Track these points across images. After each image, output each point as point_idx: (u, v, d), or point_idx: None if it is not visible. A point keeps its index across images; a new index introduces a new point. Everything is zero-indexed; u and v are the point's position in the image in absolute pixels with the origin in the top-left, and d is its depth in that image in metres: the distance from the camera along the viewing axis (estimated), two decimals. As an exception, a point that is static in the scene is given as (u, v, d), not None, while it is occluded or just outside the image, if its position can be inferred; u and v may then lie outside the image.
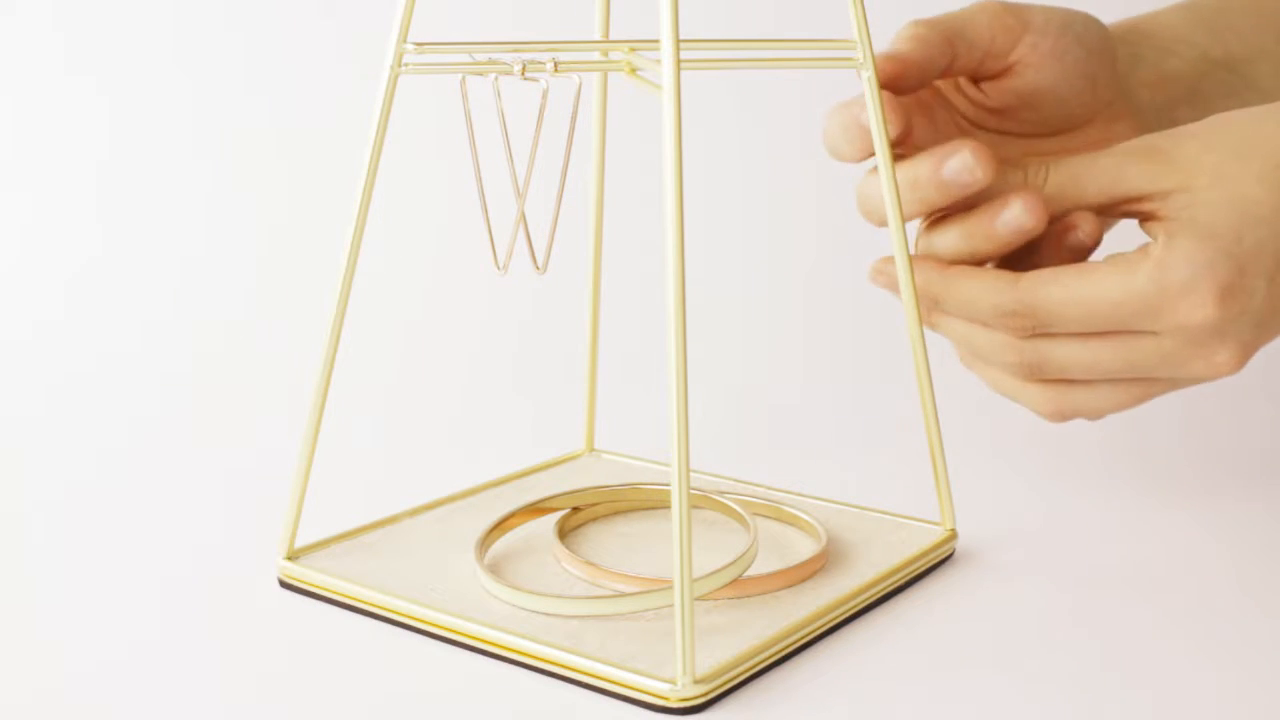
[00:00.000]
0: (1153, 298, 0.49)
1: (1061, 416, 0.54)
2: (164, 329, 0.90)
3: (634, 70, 0.48)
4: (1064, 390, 0.53)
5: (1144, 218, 0.51)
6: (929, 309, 0.54)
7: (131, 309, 0.93)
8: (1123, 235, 0.58)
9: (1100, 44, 0.58)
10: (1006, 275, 0.51)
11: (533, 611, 0.48)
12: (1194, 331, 0.49)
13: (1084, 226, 0.52)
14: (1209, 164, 0.49)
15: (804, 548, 0.55)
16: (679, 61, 0.43)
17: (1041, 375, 0.53)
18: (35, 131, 1.01)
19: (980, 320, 0.52)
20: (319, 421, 0.52)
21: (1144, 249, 0.50)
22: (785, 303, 0.94)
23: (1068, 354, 0.52)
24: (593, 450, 0.67)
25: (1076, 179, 0.51)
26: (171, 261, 0.97)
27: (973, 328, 0.53)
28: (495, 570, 0.52)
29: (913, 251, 0.54)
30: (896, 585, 0.52)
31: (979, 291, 0.51)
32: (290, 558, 0.53)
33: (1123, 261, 0.49)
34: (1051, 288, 0.50)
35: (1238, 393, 0.78)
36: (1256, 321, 0.50)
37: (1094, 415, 0.54)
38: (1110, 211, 0.52)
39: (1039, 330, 0.51)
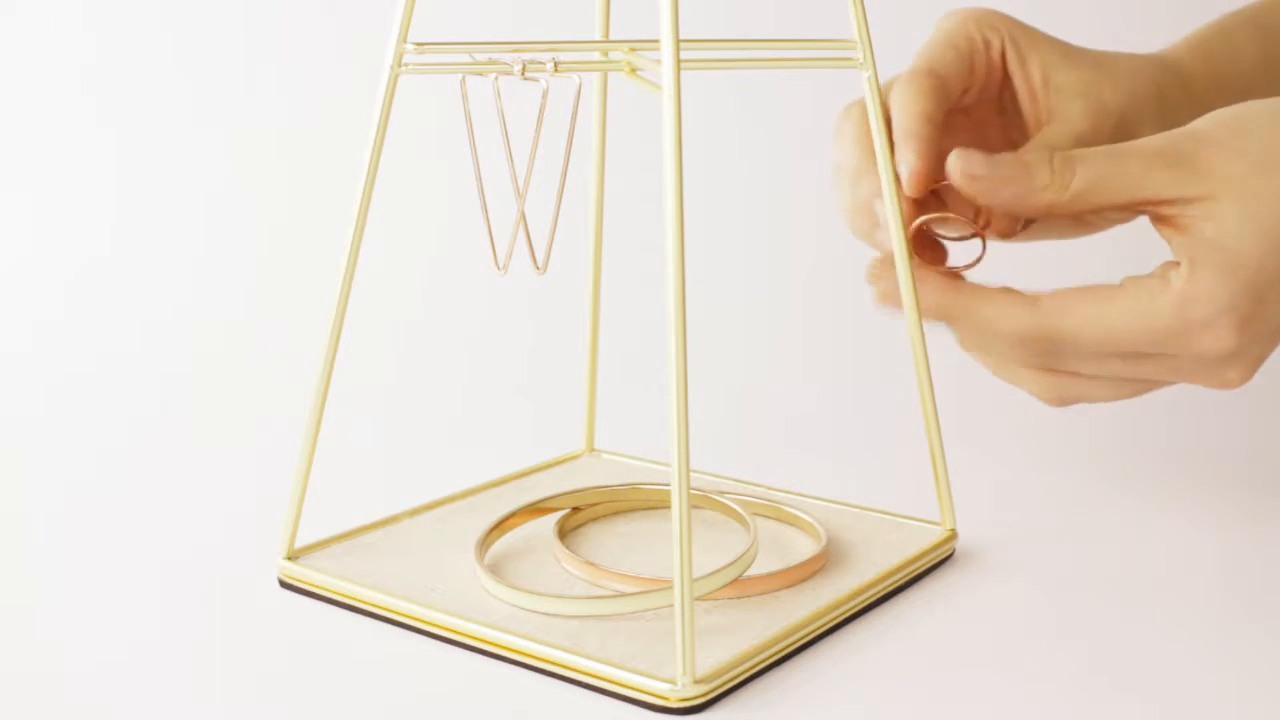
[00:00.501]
0: (1173, 331, 0.49)
1: (1063, 403, 0.54)
2: (164, 329, 0.90)
3: (634, 70, 0.48)
4: (1069, 381, 0.53)
5: (1160, 219, 0.51)
6: (937, 319, 0.54)
7: (132, 309, 0.93)
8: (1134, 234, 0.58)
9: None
10: (1023, 300, 0.51)
11: (533, 611, 0.48)
12: (1210, 358, 0.49)
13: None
14: (1235, 175, 0.49)
15: (804, 548, 0.55)
16: (679, 61, 0.43)
17: (1049, 369, 0.53)
18: (36, 132, 1.01)
19: (995, 339, 0.52)
20: (319, 421, 0.52)
21: (1164, 275, 0.49)
22: (785, 302, 0.94)
23: (1080, 365, 0.52)
24: (593, 450, 0.67)
25: (1103, 180, 0.50)
26: (172, 261, 0.97)
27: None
28: (495, 570, 0.52)
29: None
30: (896, 585, 0.52)
31: (996, 317, 0.51)
32: (290, 558, 0.53)
33: (1144, 291, 0.49)
34: (1071, 318, 0.50)
35: (1239, 394, 0.78)
36: (1269, 337, 0.50)
37: (1094, 402, 0.54)
38: (1129, 209, 0.51)
39: (1056, 351, 0.51)
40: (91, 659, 0.47)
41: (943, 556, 0.55)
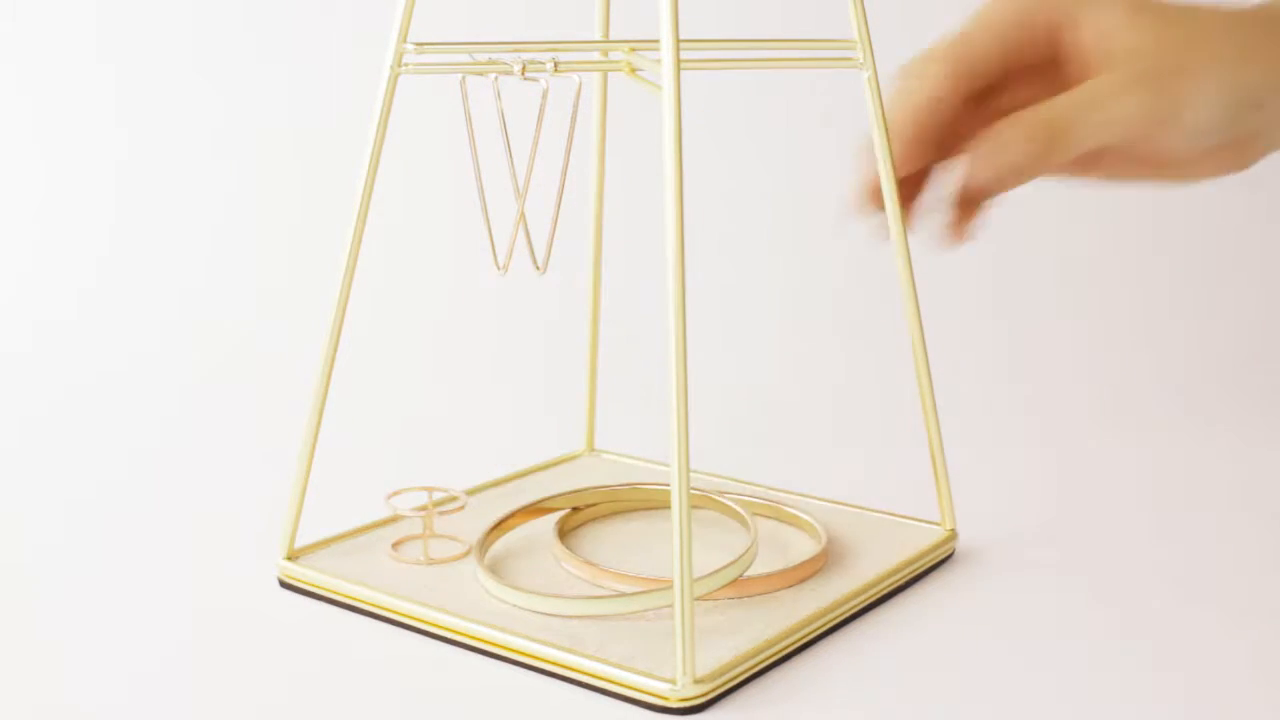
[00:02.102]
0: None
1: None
2: (165, 329, 0.90)
3: (634, 70, 0.48)
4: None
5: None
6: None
7: (132, 310, 0.93)
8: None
9: None
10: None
11: (533, 611, 0.48)
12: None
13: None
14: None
15: (804, 548, 0.55)
16: (679, 61, 0.43)
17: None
18: (35, 133, 1.01)
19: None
20: (319, 421, 0.52)
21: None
22: (785, 302, 0.94)
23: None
24: (593, 450, 0.67)
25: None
26: (172, 261, 0.97)
27: None
28: (495, 570, 0.52)
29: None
30: (896, 585, 0.52)
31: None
32: (290, 558, 0.53)
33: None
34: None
35: (1239, 397, 0.78)
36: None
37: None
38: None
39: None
40: (91, 659, 0.47)
41: (943, 556, 0.55)
